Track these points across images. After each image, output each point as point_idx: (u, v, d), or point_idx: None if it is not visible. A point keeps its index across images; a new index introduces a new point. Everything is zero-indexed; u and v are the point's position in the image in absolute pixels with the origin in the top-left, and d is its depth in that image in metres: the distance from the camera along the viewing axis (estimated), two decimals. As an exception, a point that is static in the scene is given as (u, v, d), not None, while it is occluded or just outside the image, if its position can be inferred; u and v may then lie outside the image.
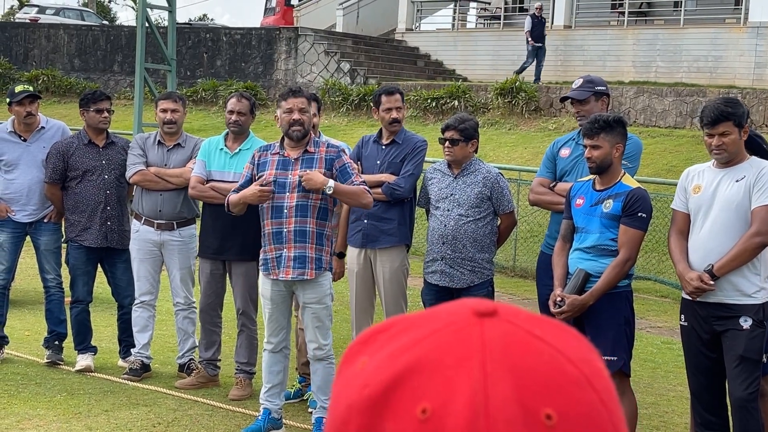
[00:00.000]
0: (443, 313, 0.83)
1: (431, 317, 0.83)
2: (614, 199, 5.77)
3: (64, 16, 37.28)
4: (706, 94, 19.41)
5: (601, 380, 0.82)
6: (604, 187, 5.84)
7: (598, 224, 5.79)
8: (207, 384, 7.48)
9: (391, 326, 0.84)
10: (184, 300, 7.71)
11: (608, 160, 5.77)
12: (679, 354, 7.35)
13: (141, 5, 15.90)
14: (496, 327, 0.80)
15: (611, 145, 5.76)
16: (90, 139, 7.74)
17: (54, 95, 27.94)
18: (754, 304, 5.48)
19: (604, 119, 5.80)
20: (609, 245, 5.77)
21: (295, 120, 6.29)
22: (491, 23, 28.83)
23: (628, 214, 5.74)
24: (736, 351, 5.46)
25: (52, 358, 7.90)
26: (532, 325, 0.82)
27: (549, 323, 0.84)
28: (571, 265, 5.89)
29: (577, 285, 5.75)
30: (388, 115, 7.03)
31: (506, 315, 0.82)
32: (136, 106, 15.72)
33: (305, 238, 6.27)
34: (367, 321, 7.22)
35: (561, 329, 0.84)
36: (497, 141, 19.83)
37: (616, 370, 5.81)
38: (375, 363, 0.81)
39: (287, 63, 26.05)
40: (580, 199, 5.90)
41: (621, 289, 5.84)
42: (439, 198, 6.69)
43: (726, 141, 5.46)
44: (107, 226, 7.69)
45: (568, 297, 5.74)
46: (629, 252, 5.75)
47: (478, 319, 0.81)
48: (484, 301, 0.83)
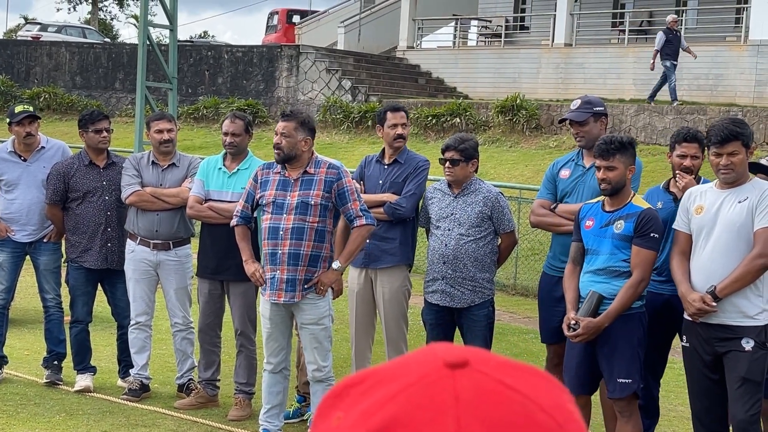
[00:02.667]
0: (414, 364, 0.83)
1: (402, 370, 0.83)
2: (626, 220, 5.74)
3: (66, 34, 37.39)
4: (706, 112, 19.43)
5: (574, 424, 0.83)
6: (615, 208, 5.82)
7: (610, 245, 5.76)
8: (206, 404, 7.45)
9: (363, 380, 0.84)
10: (182, 320, 7.69)
11: (622, 182, 5.76)
12: (680, 373, 7.32)
13: (142, 24, 15.94)
14: (467, 379, 0.80)
15: (626, 167, 5.75)
16: (90, 160, 7.74)
17: (55, 113, 27.99)
18: (756, 325, 5.45)
19: (618, 140, 5.79)
20: (620, 266, 5.74)
21: (275, 144, 6.35)
22: (492, 41, 28.89)
23: (641, 234, 5.71)
24: (738, 372, 5.43)
25: (52, 378, 7.88)
26: (503, 374, 0.82)
27: (520, 369, 0.84)
28: (583, 288, 5.85)
29: (591, 308, 5.72)
30: (393, 131, 7.04)
31: (477, 364, 0.82)
32: (137, 125, 15.73)
33: (298, 261, 6.28)
34: (367, 341, 7.21)
35: (532, 374, 0.84)
36: (498, 159, 19.84)
37: (631, 393, 5.78)
38: (350, 421, 0.81)
39: (289, 81, 26.10)
40: (590, 220, 5.88)
41: (634, 310, 5.80)
42: (439, 217, 6.68)
43: (734, 161, 5.44)
44: (108, 247, 7.68)
45: (583, 320, 5.71)
46: (643, 273, 5.72)
47: (449, 371, 0.81)
48: (454, 350, 0.83)
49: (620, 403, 5.84)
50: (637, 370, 5.79)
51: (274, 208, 6.33)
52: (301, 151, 6.36)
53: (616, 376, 5.78)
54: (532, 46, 26.85)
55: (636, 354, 5.79)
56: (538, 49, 26.08)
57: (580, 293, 5.86)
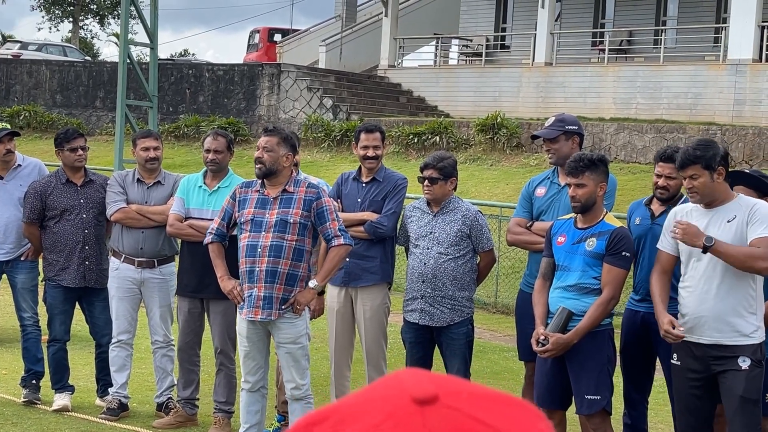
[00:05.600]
0: (379, 400, 0.79)
1: (368, 406, 0.79)
2: (597, 238, 5.77)
3: (46, 52, 37.28)
4: (686, 131, 19.53)
5: None
6: (587, 226, 5.84)
7: (581, 262, 5.79)
8: (185, 423, 7.41)
9: (326, 418, 0.80)
10: (162, 338, 7.65)
11: (592, 199, 5.78)
12: (659, 391, 7.32)
13: (123, 42, 15.92)
14: (437, 416, 0.77)
15: (596, 184, 5.77)
16: (68, 178, 7.71)
17: (35, 131, 27.87)
18: (752, 344, 5.41)
19: (588, 158, 5.81)
20: (591, 284, 5.76)
21: (256, 158, 6.34)
22: (473, 60, 28.98)
23: (612, 253, 5.74)
24: (736, 392, 5.38)
25: (29, 398, 7.82)
26: (474, 407, 0.79)
27: (493, 399, 0.81)
28: (552, 304, 5.87)
29: (560, 324, 5.73)
30: (364, 152, 7.07)
31: (447, 398, 0.78)
32: (117, 143, 15.70)
33: (275, 279, 6.27)
34: (347, 360, 7.20)
35: (506, 404, 0.81)
36: (479, 177, 19.87)
37: (599, 409, 5.79)
38: None
39: (270, 99, 26.10)
40: (562, 237, 5.90)
41: (603, 327, 5.84)
42: (418, 236, 6.69)
43: (695, 184, 5.43)
44: (85, 265, 7.64)
45: (552, 336, 5.72)
46: (613, 291, 5.74)
47: (418, 408, 0.77)
48: (422, 383, 0.79)
49: (593, 420, 5.85)
50: (606, 386, 5.80)
51: (253, 226, 6.32)
52: (282, 167, 6.35)
53: (584, 392, 5.80)
54: (513, 64, 26.94)
55: (605, 371, 5.80)
56: (518, 67, 26.18)
57: (549, 309, 5.87)
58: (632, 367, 6.37)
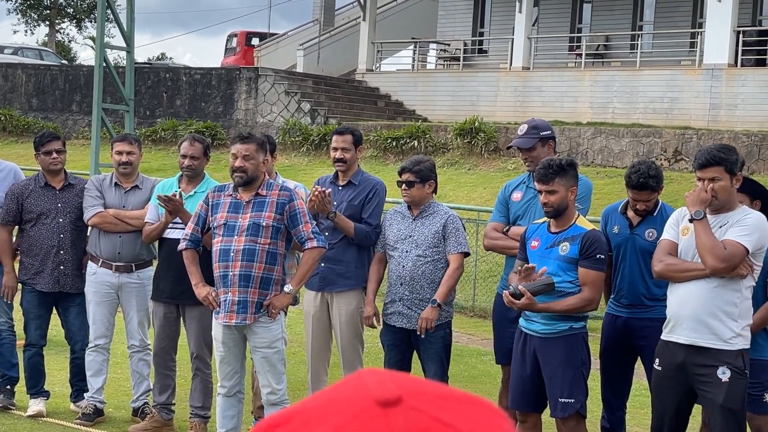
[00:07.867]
0: (343, 401, 0.78)
1: (331, 408, 0.78)
2: (570, 242, 5.78)
3: (22, 56, 37.05)
4: (662, 135, 19.63)
5: None
6: (560, 230, 5.86)
7: (555, 267, 5.80)
8: (161, 429, 7.37)
9: (288, 420, 0.79)
10: (139, 342, 7.61)
11: (564, 204, 5.80)
12: (635, 394, 7.35)
13: (99, 45, 15.84)
14: (401, 418, 0.76)
15: (566, 189, 5.78)
16: (46, 182, 7.66)
17: (11, 135, 27.71)
18: (731, 350, 5.34)
19: (557, 164, 5.82)
20: (565, 287, 5.77)
21: (237, 167, 6.30)
22: (451, 64, 29.03)
23: (586, 256, 5.75)
24: (716, 402, 5.35)
25: (4, 403, 7.76)
26: (439, 409, 0.78)
27: (458, 400, 0.80)
28: None
29: (540, 288, 5.68)
30: (334, 154, 7.10)
31: (411, 400, 0.78)
32: (93, 147, 15.62)
33: (249, 283, 6.25)
34: (323, 364, 7.19)
35: (471, 405, 0.81)
36: (457, 181, 19.89)
37: (573, 412, 5.80)
38: None
39: (247, 103, 26.05)
40: (535, 241, 5.92)
41: (577, 330, 5.85)
42: (397, 239, 6.70)
43: (716, 187, 5.33)
44: (60, 270, 7.59)
45: (527, 293, 5.67)
46: (591, 292, 5.74)
47: (382, 410, 0.77)
48: (385, 384, 0.79)
49: (568, 424, 5.86)
50: (581, 390, 5.81)
51: (225, 230, 6.30)
52: (261, 173, 6.36)
53: (558, 395, 5.80)
54: (491, 69, 26.99)
55: (579, 374, 5.81)
56: (496, 72, 26.23)
57: None
58: (612, 371, 6.38)
